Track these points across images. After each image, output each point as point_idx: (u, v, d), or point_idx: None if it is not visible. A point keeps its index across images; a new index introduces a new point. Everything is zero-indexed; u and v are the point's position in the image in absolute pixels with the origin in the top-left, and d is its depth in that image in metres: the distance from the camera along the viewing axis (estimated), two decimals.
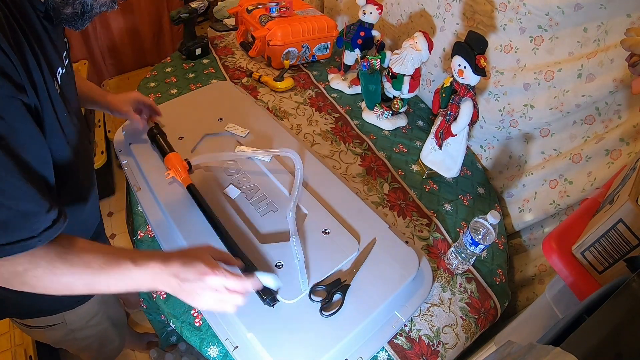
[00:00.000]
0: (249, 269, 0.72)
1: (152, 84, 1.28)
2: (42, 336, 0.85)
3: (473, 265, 0.89)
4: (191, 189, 0.84)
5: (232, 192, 0.88)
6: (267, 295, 0.68)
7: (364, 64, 1.10)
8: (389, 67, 1.10)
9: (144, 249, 0.55)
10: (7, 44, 0.42)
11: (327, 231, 0.81)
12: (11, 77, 0.43)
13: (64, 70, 0.57)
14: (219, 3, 2.13)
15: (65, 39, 0.62)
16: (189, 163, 0.89)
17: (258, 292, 0.69)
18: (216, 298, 0.55)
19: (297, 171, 0.89)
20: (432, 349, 0.76)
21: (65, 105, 0.55)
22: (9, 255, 0.45)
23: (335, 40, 1.36)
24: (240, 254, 0.73)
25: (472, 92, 0.90)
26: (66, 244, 0.51)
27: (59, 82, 0.54)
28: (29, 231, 0.46)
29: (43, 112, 0.50)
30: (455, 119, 0.93)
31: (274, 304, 0.69)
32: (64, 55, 0.59)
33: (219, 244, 0.77)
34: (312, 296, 0.72)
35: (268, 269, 0.74)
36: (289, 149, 0.91)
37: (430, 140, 1.04)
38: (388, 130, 1.19)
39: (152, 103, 0.98)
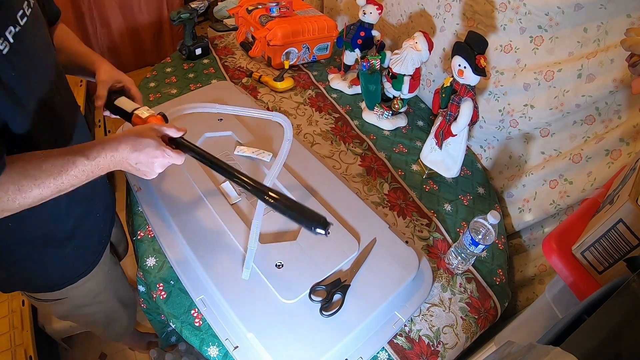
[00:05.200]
0: (257, 191, 0.64)
1: (152, 84, 1.28)
2: (49, 309, 0.87)
3: (473, 265, 0.89)
4: (177, 142, 0.70)
5: (231, 192, 0.88)
6: (320, 225, 0.59)
7: (364, 64, 1.10)
8: (389, 67, 1.10)
9: (94, 142, 0.58)
10: None
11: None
12: None
13: (16, 29, 0.53)
14: (219, 3, 2.14)
15: None
16: (164, 116, 0.74)
17: (307, 225, 0.60)
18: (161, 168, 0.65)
19: (286, 142, 0.81)
20: (432, 349, 0.76)
21: (17, 64, 0.52)
22: None
23: (335, 40, 1.36)
24: (258, 186, 0.65)
25: (472, 92, 0.90)
26: (22, 161, 0.52)
27: (10, 42, 0.51)
28: None
29: None
30: (455, 119, 0.93)
31: (327, 231, 0.59)
32: (19, 15, 0.54)
33: (222, 240, 0.77)
34: (312, 296, 0.72)
35: (268, 268, 0.74)
36: (280, 114, 0.85)
37: (430, 140, 1.04)
38: (388, 130, 1.19)
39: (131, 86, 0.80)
